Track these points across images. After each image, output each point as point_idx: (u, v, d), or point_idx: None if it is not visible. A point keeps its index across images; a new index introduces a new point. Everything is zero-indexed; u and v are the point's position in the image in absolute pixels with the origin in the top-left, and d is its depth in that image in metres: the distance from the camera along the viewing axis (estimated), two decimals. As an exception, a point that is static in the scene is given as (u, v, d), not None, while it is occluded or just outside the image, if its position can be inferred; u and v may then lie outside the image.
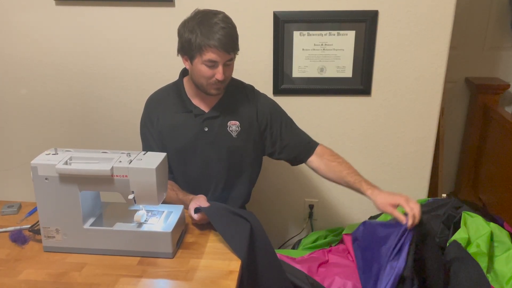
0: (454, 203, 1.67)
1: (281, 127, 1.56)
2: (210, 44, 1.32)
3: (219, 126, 1.49)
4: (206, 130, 1.48)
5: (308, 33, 1.77)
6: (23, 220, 1.39)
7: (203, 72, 1.37)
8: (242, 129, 1.51)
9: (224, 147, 1.50)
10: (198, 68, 1.38)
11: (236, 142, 1.51)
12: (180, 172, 1.53)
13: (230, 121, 1.50)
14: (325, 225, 2.03)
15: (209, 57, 1.34)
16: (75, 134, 2.01)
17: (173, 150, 1.50)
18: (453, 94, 2.64)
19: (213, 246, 1.25)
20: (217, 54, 1.33)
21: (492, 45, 2.61)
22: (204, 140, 1.49)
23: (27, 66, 1.92)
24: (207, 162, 1.51)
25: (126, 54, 1.86)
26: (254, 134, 1.54)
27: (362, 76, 1.81)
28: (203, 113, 1.48)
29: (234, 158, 1.53)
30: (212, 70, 1.36)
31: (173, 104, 1.50)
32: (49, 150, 1.20)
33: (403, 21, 1.73)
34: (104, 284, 1.09)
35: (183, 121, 1.49)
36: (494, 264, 1.47)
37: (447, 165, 2.60)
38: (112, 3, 1.79)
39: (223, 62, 1.36)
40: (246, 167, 1.57)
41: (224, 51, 1.34)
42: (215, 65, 1.36)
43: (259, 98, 1.57)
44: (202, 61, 1.35)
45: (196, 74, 1.40)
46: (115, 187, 1.16)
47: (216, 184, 1.54)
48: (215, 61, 1.35)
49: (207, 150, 1.50)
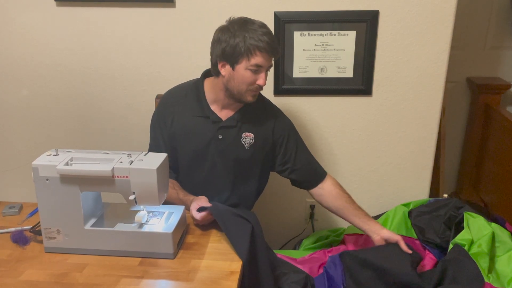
0: (456, 204, 1.67)
1: (297, 149, 1.55)
2: (260, 47, 1.31)
3: (233, 136, 1.48)
4: (220, 138, 1.47)
5: (309, 33, 1.77)
6: (25, 221, 1.39)
7: (247, 77, 1.36)
8: (255, 142, 1.49)
9: (234, 157, 1.49)
10: (241, 74, 1.36)
11: (247, 153, 1.49)
12: (187, 175, 1.52)
13: (245, 132, 1.48)
14: (326, 225, 2.03)
15: (256, 61, 1.33)
16: (76, 135, 2.01)
17: (184, 153, 1.49)
18: (454, 94, 2.63)
19: (214, 246, 1.25)
20: (264, 58, 1.34)
21: (493, 44, 2.60)
22: (216, 148, 1.48)
23: (27, 66, 1.92)
24: (214, 169, 1.50)
25: (127, 54, 1.86)
26: (267, 149, 1.53)
27: (363, 76, 1.80)
28: (220, 121, 1.47)
29: (242, 169, 1.52)
30: (255, 76, 1.36)
31: (190, 106, 1.48)
32: (50, 151, 1.20)
33: (404, 21, 1.73)
34: (105, 285, 1.09)
35: (199, 126, 1.47)
36: (495, 264, 1.47)
37: (449, 165, 2.60)
38: (113, 4, 1.79)
39: (267, 67, 1.37)
40: (253, 179, 1.56)
41: (272, 55, 1.36)
42: (259, 70, 1.35)
43: (278, 114, 1.56)
44: (248, 65, 1.34)
45: (237, 79, 1.37)
46: (116, 188, 1.16)
47: (221, 192, 1.53)
48: (261, 65, 1.34)
49: (217, 158, 1.49)
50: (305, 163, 1.57)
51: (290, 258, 1.56)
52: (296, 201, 2.04)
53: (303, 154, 1.57)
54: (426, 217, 1.68)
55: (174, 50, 1.82)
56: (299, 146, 1.56)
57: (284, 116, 1.58)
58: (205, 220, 1.31)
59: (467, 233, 1.50)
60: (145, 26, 1.81)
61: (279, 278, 1.36)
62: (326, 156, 1.95)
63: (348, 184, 1.98)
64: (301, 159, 1.56)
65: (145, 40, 1.83)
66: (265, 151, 1.52)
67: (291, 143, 1.54)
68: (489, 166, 2.43)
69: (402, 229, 1.71)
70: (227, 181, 1.52)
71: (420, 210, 1.73)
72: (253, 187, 1.57)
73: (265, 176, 1.62)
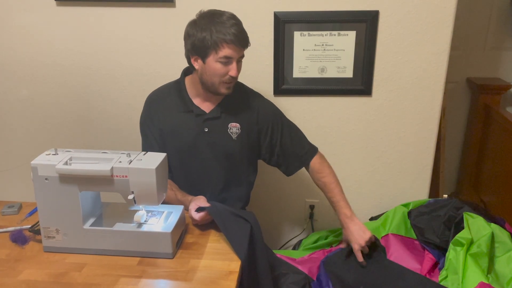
0: (455, 204, 1.67)
1: (282, 136, 1.57)
2: (227, 39, 1.33)
3: (219, 128, 1.49)
4: (206, 131, 1.49)
5: (309, 33, 1.77)
6: (24, 220, 1.39)
7: (217, 69, 1.37)
8: (242, 131, 1.51)
9: (223, 148, 1.50)
10: (212, 67, 1.37)
11: (235, 144, 1.51)
12: (180, 172, 1.53)
13: (231, 123, 1.50)
14: (325, 225, 2.03)
15: (224, 53, 1.34)
16: (75, 134, 2.01)
17: (173, 149, 1.50)
18: (454, 95, 2.63)
19: (213, 246, 1.25)
20: (233, 49, 1.35)
21: (493, 45, 2.60)
22: (204, 141, 1.49)
23: (27, 66, 1.92)
24: (206, 163, 1.51)
25: (127, 54, 1.86)
26: (253, 137, 1.54)
27: (363, 76, 1.80)
28: (204, 114, 1.48)
29: (232, 160, 1.53)
30: (226, 67, 1.37)
31: (174, 103, 1.51)
32: (49, 151, 1.20)
33: (403, 21, 1.73)
34: (104, 284, 1.09)
35: (184, 121, 1.49)
36: (495, 265, 1.47)
37: (448, 166, 2.60)
38: (113, 4, 1.79)
39: (237, 58, 1.38)
40: (244, 170, 1.57)
41: (240, 46, 1.36)
42: (229, 61, 1.37)
43: (261, 101, 1.57)
44: (217, 58, 1.35)
45: (209, 72, 1.39)
46: (115, 188, 1.16)
47: (215, 186, 1.54)
48: (230, 57, 1.36)
49: (207, 151, 1.50)
50: (291, 148, 1.58)
51: (289, 258, 1.56)
52: (295, 201, 2.04)
53: (290, 139, 1.59)
54: (426, 218, 1.68)
55: (174, 50, 1.82)
56: (285, 132, 1.58)
57: (268, 103, 1.59)
58: (204, 220, 1.31)
59: (467, 233, 1.50)
60: (145, 26, 1.81)
61: (279, 278, 1.36)
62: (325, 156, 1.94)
63: (348, 184, 1.98)
64: (287, 144, 1.58)
65: (145, 40, 1.83)
66: (252, 140, 1.54)
67: (277, 130, 1.56)
68: (489, 167, 2.43)
69: (401, 230, 1.71)
70: (219, 174, 1.53)
71: (420, 210, 1.73)
72: (245, 178, 1.58)
73: (254, 166, 1.63)
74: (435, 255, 1.57)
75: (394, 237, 1.67)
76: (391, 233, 1.69)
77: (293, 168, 1.61)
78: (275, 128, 1.56)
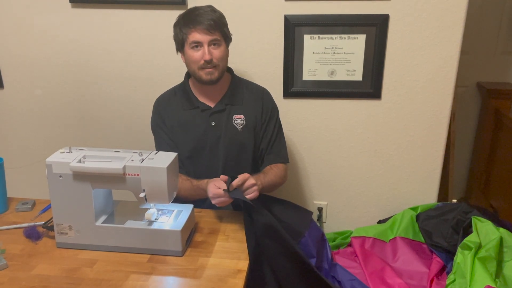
0: (464, 208, 1.66)
1: (273, 132, 1.59)
2: (190, 26, 1.41)
3: (225, 120, 1.53)
4: (214, 125, 1.52)
5: (319, 36, 1.78)
6: (37, 216, 1.42)
7: (191, 56, 1.44)
8: (247, 122, 1.54)
9: (230, 140, 1.53)
10: (188, 55, 1.45)
11: (241, 135, 1.54)
12: (189, 167, 1.56)
13: (235, 114, 1.54)
14: (333, 228, 2.04)
15: (192, 39, 1.42)
16: (89, 133, 2.04)
17: (184, 146, 1.53)
18: (464, 99, 2.62)
19: (222, 245, 1.27)
20: (198, 33, 1.41)
21: (504, 49, 2.59)
22: (212, 135, 1.52)
23: (43, 67, 1.96)
24: (215, 156, 1.54)
25: (141, 55, 1.89)
26: (257, 129, 1.57)
27: (372, 79, 1.81)
28: (210, 108, 1.53)
29: (240, 151, 1.55)
30: (198, 53, 1.43)
31: (180, 102, 1.55)
32: (63, 149, 1.23)
33: (413, 25, 1.73)
34: (114, 280, 1.11)
35: (192, 118, 1.53)
36: (503, 270, 1.46)
37: (458, 170, 2.59)
38: (126, 6, 1.82)
39: (207, 42, 1.42)
40: (250, 162, 1.59)
41: (206, 30, 1.41)
42: (200, 46, 1.42)
43: (265, 95, 1.61)
44: (189, 46, 1.43)
45: (188, 62, 1.47)
46: (127, 185, 1.19)
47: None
48: (199, 41, 1.42)
49: (214, 145, 1.53)
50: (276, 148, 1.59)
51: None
52: (304, 204, 2.05)
53: (279, 139, 1.60)
54: (434, 221, 1.68)
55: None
56: (276, 129, 1.60)
57: (270, 97, 1.62)
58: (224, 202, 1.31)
59: (476, 236, 1.50)
60: (158, 28, 1.83)
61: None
62: (334, 158, 1.95)
63: (356, 187, 1.98)
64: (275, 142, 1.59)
65: (159, 41, 1.85)
66: (257, 130, 1.57)
67: (272, 123, 1.59)
68: (498, 172, 2.41)
69: (409, 233, 1.71)
70: (228, 166, 1.55)
71: (428, 214, 1.73)
72: (254, 169, 1.59)
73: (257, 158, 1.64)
74: (443, 258, 1.57)
75: (402, 240, 1.67)
76: (399, 236, 1.69)
77: (260, 162, 1.60)
78: (270, 122, 1.59)
